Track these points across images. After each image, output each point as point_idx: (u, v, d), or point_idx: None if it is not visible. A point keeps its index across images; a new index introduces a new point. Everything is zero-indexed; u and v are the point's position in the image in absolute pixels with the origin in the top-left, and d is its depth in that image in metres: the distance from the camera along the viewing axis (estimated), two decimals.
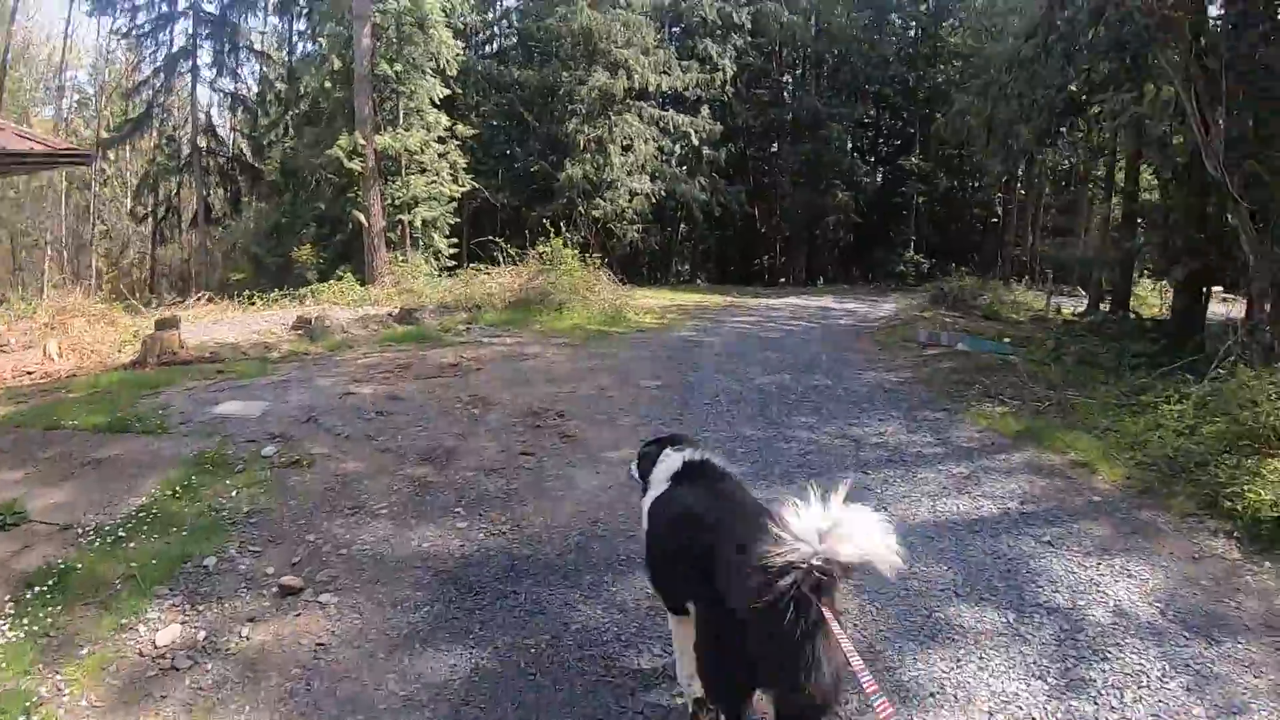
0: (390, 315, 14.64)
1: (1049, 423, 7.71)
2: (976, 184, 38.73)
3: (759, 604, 2.25)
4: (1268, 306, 8.89)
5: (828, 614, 2.26)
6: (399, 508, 5.30)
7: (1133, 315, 15.10)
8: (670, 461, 3.29)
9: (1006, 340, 13.21)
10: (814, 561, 2.23)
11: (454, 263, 22.75)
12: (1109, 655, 3.78)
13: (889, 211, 37.56)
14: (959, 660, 3.68)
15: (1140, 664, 3.73)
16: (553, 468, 6.10)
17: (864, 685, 2.05)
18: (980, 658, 3.71)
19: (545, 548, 4.76)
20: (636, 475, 3.58)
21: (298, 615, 3.99)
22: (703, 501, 2.99)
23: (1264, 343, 8.84)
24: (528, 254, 17.04)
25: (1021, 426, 7.62)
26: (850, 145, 37.38)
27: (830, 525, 2.28)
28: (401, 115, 22.43)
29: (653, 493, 3.28)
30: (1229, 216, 11.65)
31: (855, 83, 35.62)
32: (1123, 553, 4.90)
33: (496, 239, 18.65)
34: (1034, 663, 3.68)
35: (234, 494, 5.31)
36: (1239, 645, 3.92)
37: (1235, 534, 5.19)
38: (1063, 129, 15.34)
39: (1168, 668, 3.70)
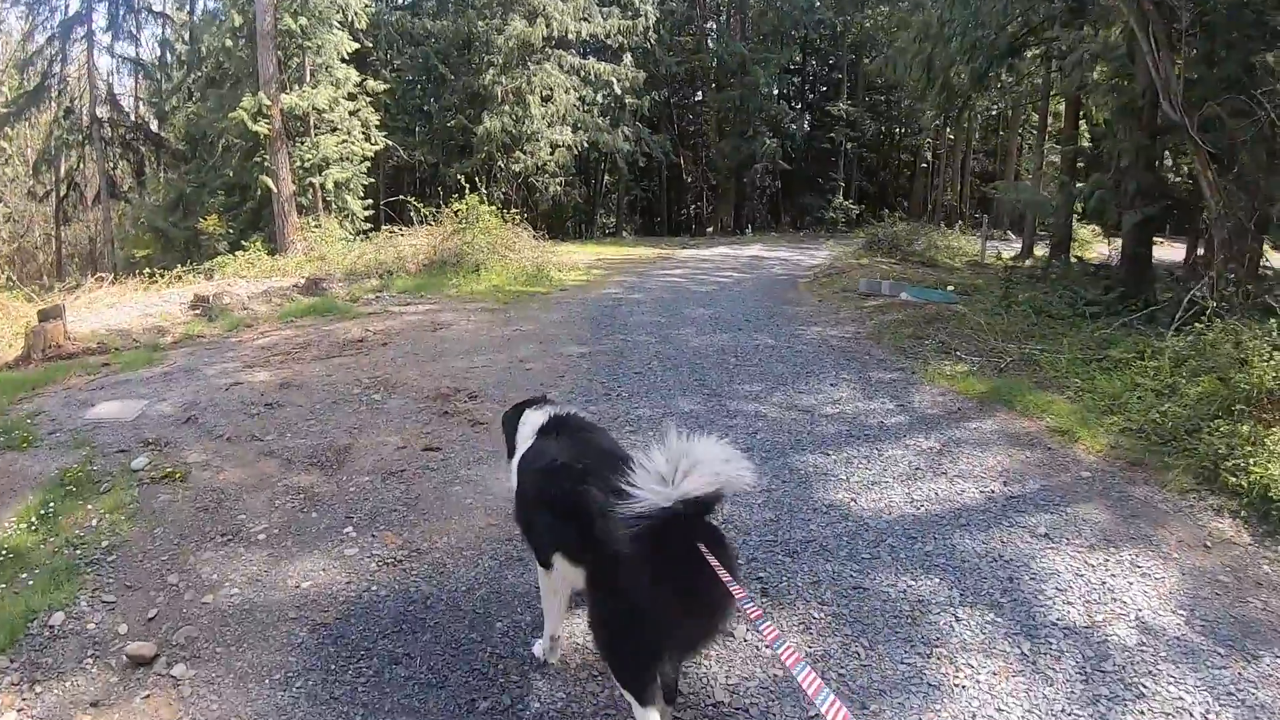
0: (296, 287, 13.42)
1: (1015, 382, 7.03)
2: (904, 129, 38.53)
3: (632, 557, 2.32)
4: (1249, 255, 8.34)
5: (705, 553, 2.26)
6: (279, 530, 4.32)
7: (1075, 260, 14.71)
8: (533, 419, 3.20)
9: (950, 289, 12.64)
10: (672, 504, 2.25)
11: (370, 225, 21.45)
12: (1144, 690, 3.08)
13: (817, 158, 37.01)
14: (974, 718, 2.90)
15: (1179, 697, 3.05)
16: (461, 465, 5.14)
17: (763, 632, 1.98)
18: (998, 709, 2.94)
19: (449, 581, 3.81)
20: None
21: (146, 696, 3.06)
22: (570, 451, 2.89)
23: (1231, 292, 8.37)
24: (443, 213, 15.78)
25: (986, 387, 6.94)
26: (776, 91, 36.47)
27: (677, 465, 2.29)
28: (308, 72, 20.95)
29: (520, 449, 3.16)
30: (1181, 160, 11.24)
31: (781, 27, 34.58)
32: (1128, 543, 4.24)
33: (408, 199, 17.45)
34: (1062, 711, 2.94)
35: (95, 523, 4.36)
36: (1278, 660, 3.26)
37: (1242, 513, 4.62)
38: (1000, 71, 14.71)
39: (1210, 700, 3.04)
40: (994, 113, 31.73)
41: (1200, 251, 13.84)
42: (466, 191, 15.54)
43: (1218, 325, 6.96)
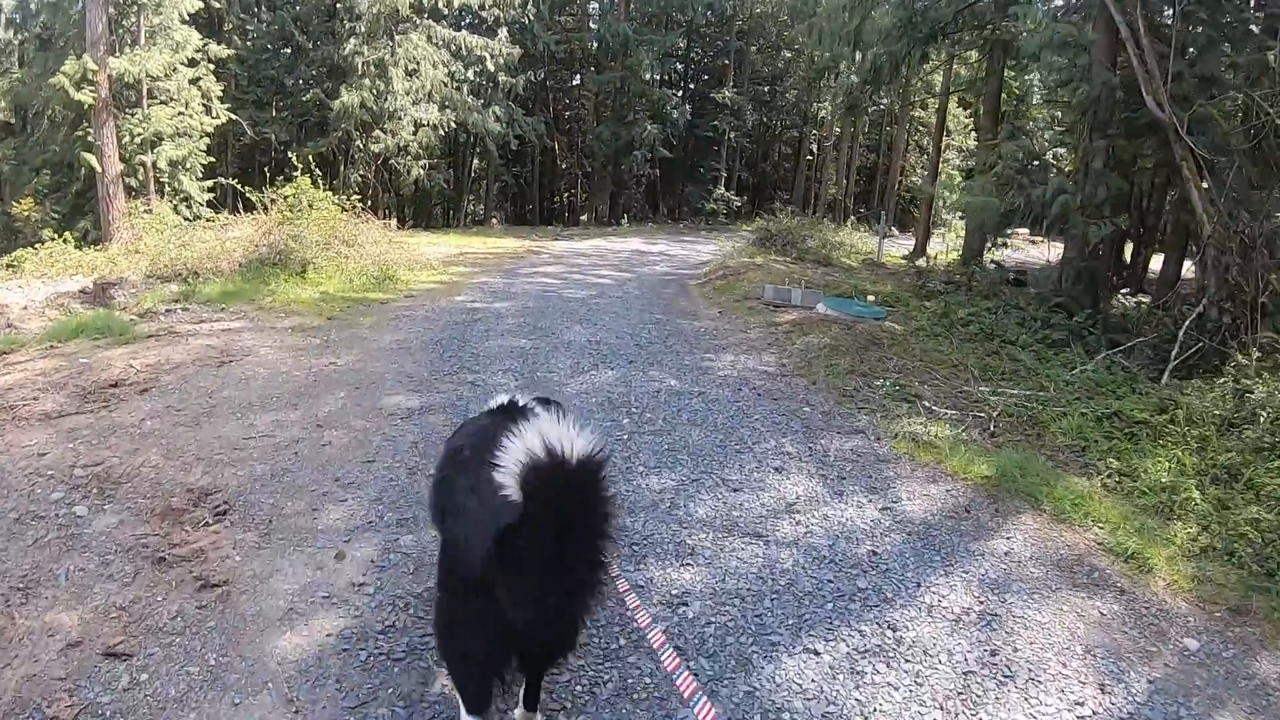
0: (83, 293, 10.84)
1: (1022, 456, 5.08)
2: (786, 120, 37.50)
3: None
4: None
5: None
6: None
7: (993, 265, 13.45)
8: (498, 399, 3.03)
9: (871, 299, 10.87)
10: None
11: (209, 211, 18.61)
12: None
13: (698, 146, 35.61)
14: None
15: None
16: (152, 708, 2.66)
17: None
18: None
19: None
20: None
21: None
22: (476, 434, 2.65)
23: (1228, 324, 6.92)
24: (274, 197, 12.81)
25: (990, 468, 4.94)
26: (659, 77, 34.57)
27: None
28: (143, 34, 18.22)
29: None
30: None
31: (666, 10, 32.63)
32: None
33: (232, 180, 14.78)
34: None
35: None
36: None
37: None
38: (919, 55, 13.16)
39: None
40: (880, 107, 30.86)
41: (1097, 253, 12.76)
42: (319, 174, 12.86)
43: (1266, 379, 5.34)
